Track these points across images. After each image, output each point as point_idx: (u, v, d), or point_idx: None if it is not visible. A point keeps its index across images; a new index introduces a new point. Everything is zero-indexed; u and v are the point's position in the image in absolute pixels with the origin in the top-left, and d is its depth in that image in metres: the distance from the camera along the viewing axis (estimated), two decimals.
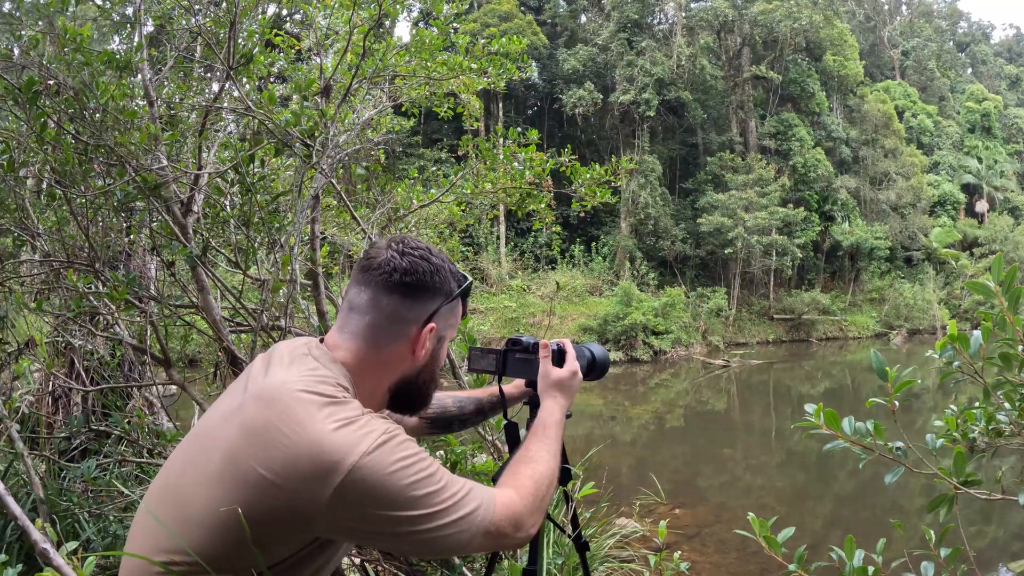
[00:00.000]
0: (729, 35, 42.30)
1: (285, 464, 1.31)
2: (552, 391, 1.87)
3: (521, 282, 34.26)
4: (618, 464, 12.54)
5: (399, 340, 1.57)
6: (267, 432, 1.35)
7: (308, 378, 1.44)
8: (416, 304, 1.56)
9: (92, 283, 3.13)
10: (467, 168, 4.82)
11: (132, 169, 2.88)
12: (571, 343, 2.00)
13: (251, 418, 1.40)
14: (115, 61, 3.18)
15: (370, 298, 1.55)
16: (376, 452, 1.34)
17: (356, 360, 1.55)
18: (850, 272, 43.43)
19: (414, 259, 1.56)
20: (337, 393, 1.43)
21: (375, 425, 1.39)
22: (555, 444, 1.74)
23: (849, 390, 24.25)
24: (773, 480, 12.67)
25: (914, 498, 11.43)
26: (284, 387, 1.43)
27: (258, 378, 1.52)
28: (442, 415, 2.13)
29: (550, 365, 1.90)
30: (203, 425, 1.53)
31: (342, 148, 3.33)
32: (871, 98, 46.47)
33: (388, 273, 1.54)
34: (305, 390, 1.40)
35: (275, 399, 1.40)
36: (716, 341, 33.05)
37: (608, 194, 4.89)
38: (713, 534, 8.90)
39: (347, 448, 1.32)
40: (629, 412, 18.97)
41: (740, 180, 36.98)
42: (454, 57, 4.44)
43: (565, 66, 38.93)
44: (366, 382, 1.56)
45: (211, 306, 3.18)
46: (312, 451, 1.31)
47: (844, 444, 1.84)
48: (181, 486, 1.41)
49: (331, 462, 1.30)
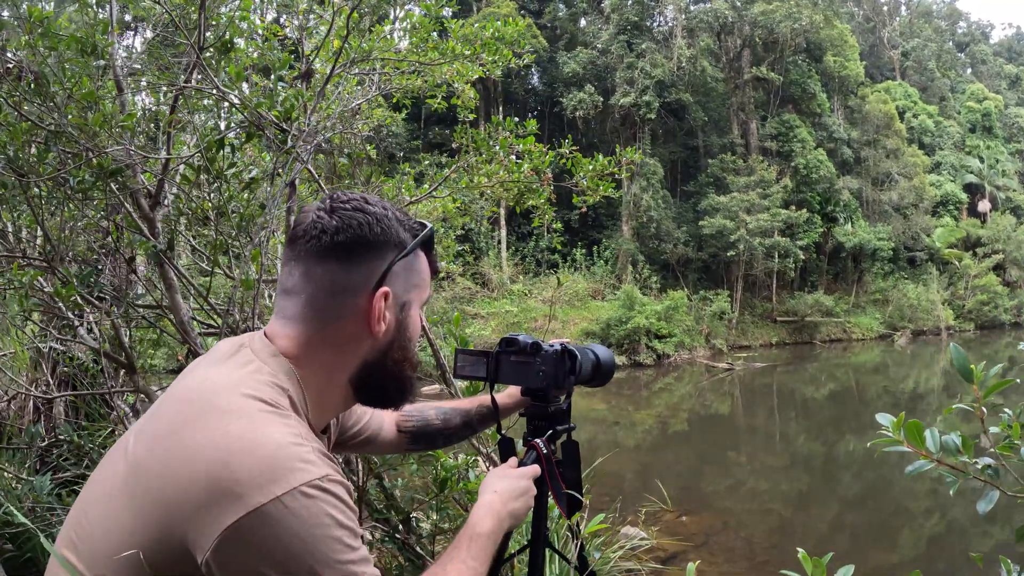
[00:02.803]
0: (729, 37, 42.08)
1: (179, 482, 1.01)
2: (493, 483, 1.48)
3: (522, 286, 34.00)
4: (622, 470, 12.31)
5: (347, 316, 1.22)
6: (169, 440, 1.07)
7: (238, 374, 1.16)
8: (357, 266, 1.21)
9: (40, 280, 2.87)
10: (462, 160, 4.56)
11: (89, 153, 2.63)
12: (573, 344, 1.71)
13: (159, 423, 1.13)
14: (82, 44, 2.95)
15: (302, 273, 1.22)
16: (301, 498, 1.00)
17: (299, 348, 1.22)
18: (853, 273, 43.12)
19: (345, 213, 1.22)
20: (276, 398, 1.13)
21: (312, 460, 1.05)
22: (481, 565, 1.32)
23: (853, 392, 24.02)
24: (778, 484, 12.48)
25: (919, 500, 11.24)
26: (203, 385, 1.16)
27: (183, 377, 1.24)
28: (424, 429, 1.83)
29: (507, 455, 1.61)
30: (124, 437, 1.22)
31: (322, 134, 3.08)
32: (872, 99, 46.21)
33: (316, 237, 1.20)
34: (229, 388, 1.12)
35: (189, 400, 1.14)
36: (719, 344, 32.75)
37: (611, 187, 4.64)
38: (721, 542, 8.66)
39: (262, 478, 1.00)
40: (632, 417, 18.72)
41: (742, 182, 36.71)
42: (447, 42, 4.19)
43: (565, 69, 38.73)
44: (316, 375, 1.23)
45: (178, 306, 2.92)
46: (213, 469, 1.00)
47: (929, 465, 1.45)
48: (88, 510, 1.12)
49: (233, 490, 0.98)
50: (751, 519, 9.89)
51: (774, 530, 9.50)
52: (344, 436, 1.66)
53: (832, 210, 41.45)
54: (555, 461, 1.63)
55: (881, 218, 44.27)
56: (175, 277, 3.02)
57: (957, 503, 11.01)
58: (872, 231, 42.27)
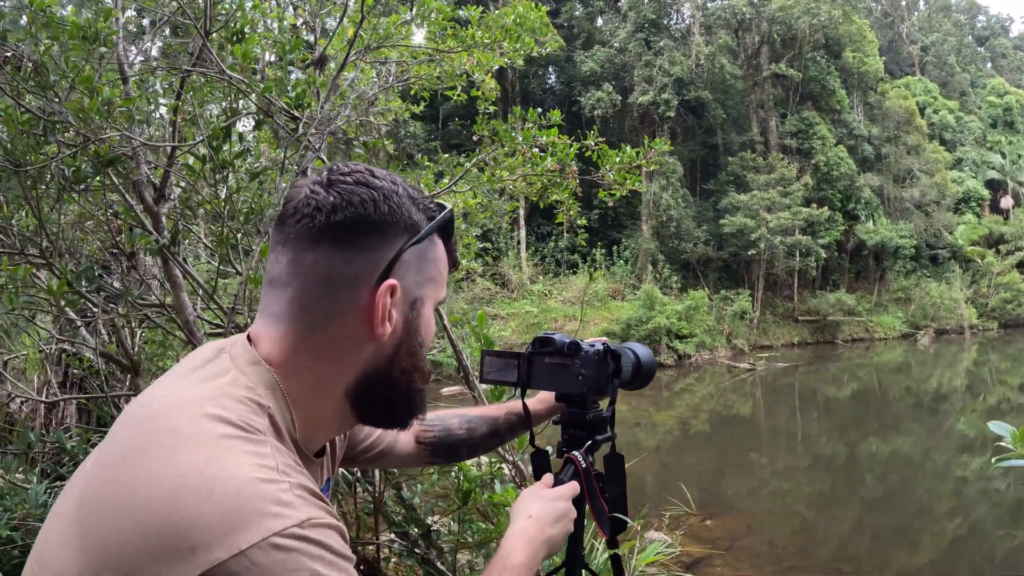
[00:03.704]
0: (747, 33, 41.76)
1: (120, 526, 0.79)
2: (527, 505, 1.29)
3: (542, 287, 33.77)
4: (644, 472, 12.12)
5: (344, 314, 0.98)
6: (115, 470, 0.84)
7: (206, 388, 0.92)
8: (358, 253, 0.97)
9: (34, 275, 2.71)
10: (483, 153, 4.37)
11: (88, 142, 2.48)
12: (610, 343, 1.51)
13: (111, 447, 0.90)
14: (84, 31, 2.80)
15: (290, 260, 0.98)
16: (273, 551, 0.77)
17: (285, 354, 0.98)
18: (875, 272, 42.62)
19: (346, 187, 0.97)
20: (248, 418, 0.89)
21: (289, 500, 0.82)
22: None
23: (876, 393, 23.70)
24: (801, 485, 12.29)
25: (942, 501, 11.04)
26: (161, 402, 0.92)
27: (147, 390, 0.99)
28: (446, 439, 1.61)
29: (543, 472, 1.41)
30: (91, 454, 0.99)
31: (336, 122, 2.91)
32: (892, 95, 45.67)
33: (308, 216, 0.96)
34: (190, 406, 0.88)
35: (140, 419, 0.90)
36: (741, 344, 32.37)
37: (638, 180, 4.45)
38: (747, 547, 8.45)
39: (223, 526, 0.77)
40: (654, 418, 18.50)
41: (762, 180, 36.34)
42: (467, 30, 4.02)
43: (583, 68, 38.53)
44: (305, 387, 0.99)
45: (184, 305, 2.75)
46: (161, 513, 0.78)
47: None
48: (49, 537, 0.88)
49: (185, 542, 0.76)
50: (775, 522, 9.70)
51: (798, 532, 9.32)
52: (354, 451, 1.46)
53: (853, 208, 40.95)
54: (595, 476, 1.43)
55: (903, 215, 43.73)
56: (180, 275, 2.86)
57: (980, 504, 10.78)
58: (894, 229, 41.75)
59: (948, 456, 14.05)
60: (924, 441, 15.67)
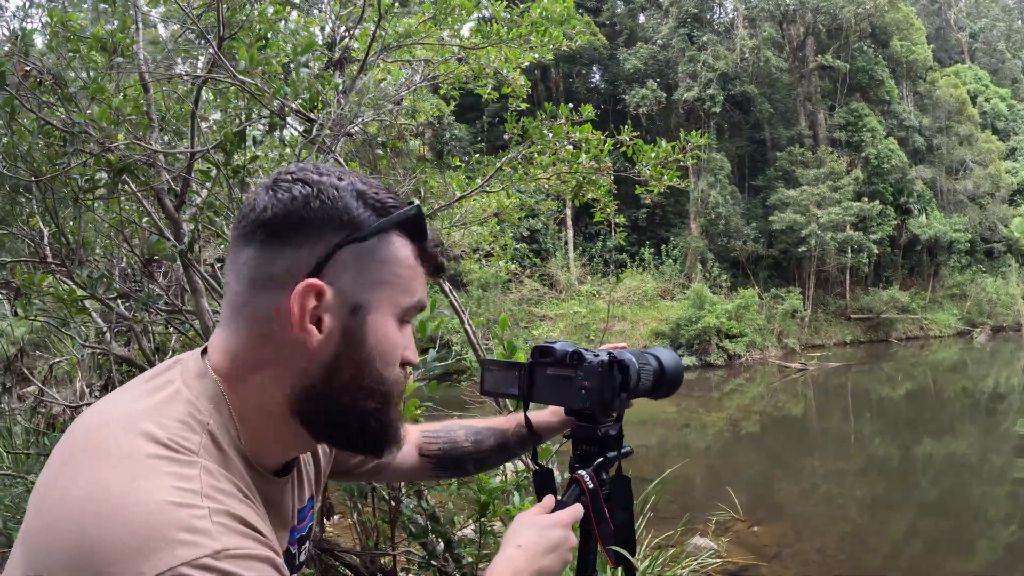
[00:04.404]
0: (792, 25, 40.99)
1: (41, 542, 0.77)
2: (518, 532, 1.18)
3: (590, 287, 33.58)
4: (692, 475, 11.92)
5: (273, 319, 0.91)
6: (46, 485, 0.82)
7: (144, 403, 0.87)
8: (283, 251, 0.90)
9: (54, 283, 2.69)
10: (513, 151, 4.28)
11: (104, 149, 2.45)
12: (630, 350, 1.38)
13: (52, 459, 0.86)
14: (103, 43, 2.81)
15: (229, 262, 0.95)
16: None
17: (228, 363, 0.93)
18: (929, 267, 41.43)
19: (283, 184, 0.92)
20: (181, 437, 0.83)
21: (203, 528, 0.76)
22: None
23: (931, 392, 23.07)
24: (852, 489, 11.93)
25: (998, 506, 10.66)
26: (97, 418, 0.87)
27: (95, 404, 0.94)
28: (451, 452, 1.51)
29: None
30: None
31: (354, 124, 2.84)
32: (942, 83, 44.39)
33: (244, 216, 0.93)
34: (124, 422, 0.84)
35: (74, 435, 0.86)
36: (792, 344, 31.71)
37: (676, 176, 4.31)
38: (795, 554, 8.20)
39: (127, 551, 0.72)
40: (703, 419, 18.25)
41: (811, 175, 35.59)
42: (492, 26, 3.93)
43: (626, 66, 38.26)
44: (248, 400, 0.93)
45: (203, 310, 2.71)
46: (73, 533, 0.74)
47: None
48: None
49: (92, 564, 0.72)
50: (825, 528, 9.43)
51: (848, 539, 9.03)
52: (346, 465, 1.37)
53: (905, 201, 39.78)
54: (603, 497, 1.32)
55: (956, 208, 42.43)
56: (199, 280, 2.82)
57: None
58: (948, 222, 40.44)
59: (1006, 458, 13.57)
60: (980, 443, 15.16)
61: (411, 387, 2.16)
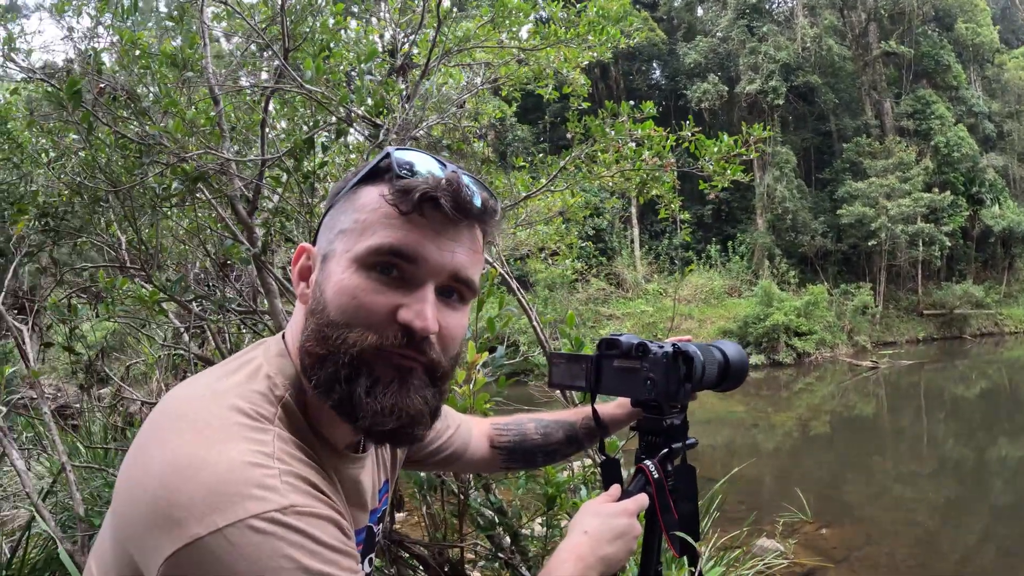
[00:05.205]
0: (852, 11, 39.97)
1: (130, 501, 0.85)
2: (584, 520, 1.20)
3: (657, 285, 33.32)
4: (760, 475, 11.75)
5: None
6: (134, 453, 0.89)
7: (231, 380, 0.95)
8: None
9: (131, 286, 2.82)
10: (576, 150, 4.30)
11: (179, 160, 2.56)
12: (695, 343, 1.40)
13: (139, 434, 0.92)
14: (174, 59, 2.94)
15: None
16: (250, 533, 0.77)
17: (291, 340, 1.02)
18: (1004, 260, 39.93)
19: None
20: (260, 407, 0.90)
21: (273, 486, 0.81)
22: None
23: (1006, 392, 22.33)
24: (925, 491, 11.59)
25: None
26: (186, 392, 0.95)
27: (181, 384, 1.03)
28: (521, 444, 1.57)
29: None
30: None
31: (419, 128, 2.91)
32: (1011, 66, 42.80)
33: None
34: (211, 397, 0.91)
35: (164, 409, 0.92)
36: (863, 341, 30.95)
37: (739, 171, 4.28)
38: (864, 558, 8.01)
39: (204, 505, 0.78)
40: (772, 419, 17.97)
41: (879, 166, 34.66)
42: (549, 27, 3.96)
43: (686, 60, 37.91)
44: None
45: (277, 311, 2.82)
46: (155, 490, 0.81)
47: None
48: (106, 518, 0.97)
49: (172, 516, 0.78)
50: (895, 531, 9.18)
51: (919, 543, 8.76)
52: (421, 453, 1.42)
53: (977, 191, 38.20)
54: (668, 487, 1.34)
55: None
56: (273, 282, 2.92)
57: None
58: (1022, 212, 38.89)
59: None
60: None
61: (480, 382, 2.21)
